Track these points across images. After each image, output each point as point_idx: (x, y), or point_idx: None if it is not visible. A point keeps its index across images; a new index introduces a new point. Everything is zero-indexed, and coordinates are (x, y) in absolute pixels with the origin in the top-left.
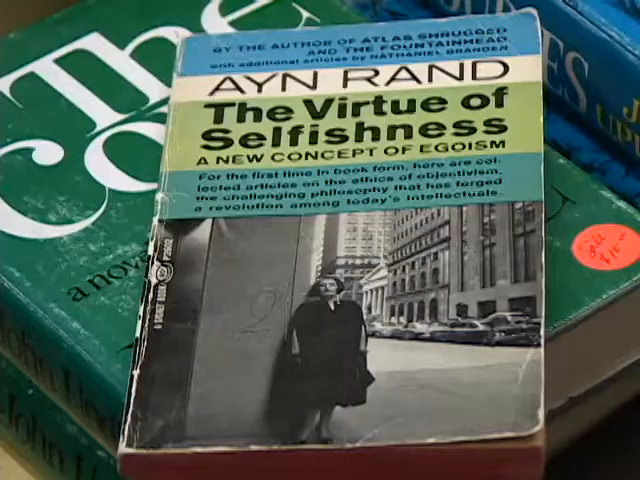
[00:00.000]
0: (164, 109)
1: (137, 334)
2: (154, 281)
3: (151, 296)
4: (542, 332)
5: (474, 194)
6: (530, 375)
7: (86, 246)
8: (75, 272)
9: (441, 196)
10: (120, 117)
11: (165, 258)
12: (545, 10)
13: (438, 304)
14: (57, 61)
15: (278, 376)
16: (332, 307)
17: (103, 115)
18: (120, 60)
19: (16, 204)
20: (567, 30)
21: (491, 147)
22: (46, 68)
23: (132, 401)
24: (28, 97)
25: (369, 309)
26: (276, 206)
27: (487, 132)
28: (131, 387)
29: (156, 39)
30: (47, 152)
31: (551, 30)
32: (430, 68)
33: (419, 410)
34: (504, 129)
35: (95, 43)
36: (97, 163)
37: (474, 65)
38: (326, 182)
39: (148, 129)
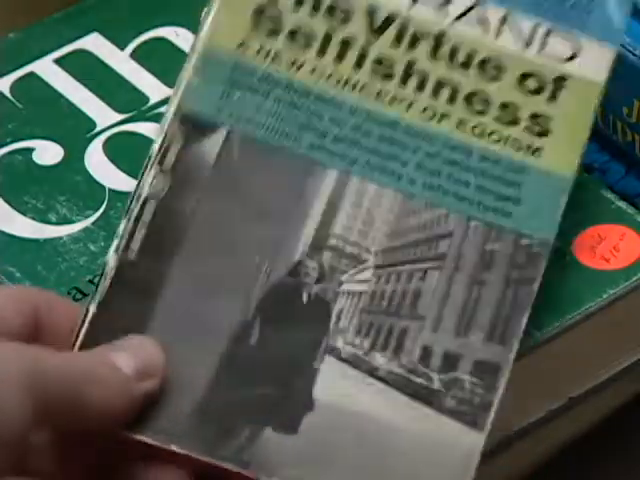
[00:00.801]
0: (164, 109)
1: (108, 257)
2: (146, 192)
3: (136, 212)
4: (492, 414)
5: (488, 207)
6: (461, 469)
7: (86, 246)
8: (75, 272)
9: (457, 196)
10: (120, 117)
11: (166, 166)
12: None
13: (405, 338)
14: (57, 61)
15: (227, 368)
16: (305, 299)
17: (103, 115)
18: (120, 60)
19: (16, 204)
20: None
21: (527, 151)
22: (46, 68)
23: (80, 339)
24: (28, 97)
25: (338, 317)
26: (295, 139)
27: (528, 130)
28: (83, 322)
29: (156, 39)
30: (47, 152)
31: None
32: (503, 18)
33: (343, 466)
34: (546, 133)
35: (95, 43)
36: (97, 163)
37: (547, 34)
38: (353, 127)
39: (148, 129)
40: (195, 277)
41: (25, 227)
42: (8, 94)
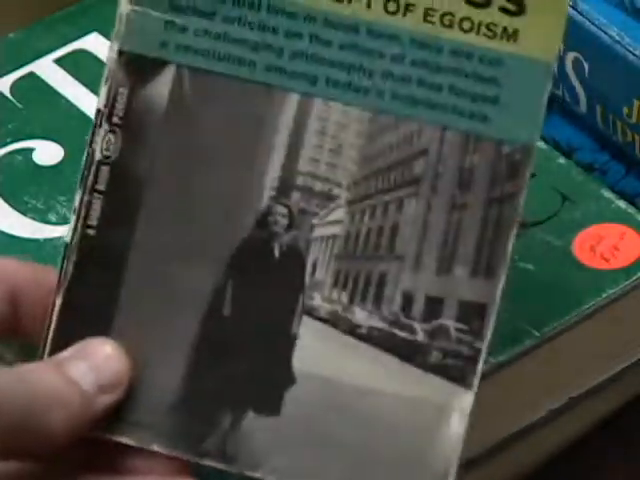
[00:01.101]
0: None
1: (67, 238)
2: (98, 156)
3: (91, 180)
4: (479, 367)
5: (464, 112)
6: (450, 432)
7: None
8: None
9: (429, 104)
10: None
11: (115, 119)
12: None
13: (385, 285)
14: (57, 61)
15: (202, 347)
16: (277, 253)
17: None
18: None
19: (16, 204)
20: (567, 30)
21: (501, 38)
22: (46, 68)
23: (50, 338)
24: (28, 97)
25: (314, 268)
26: (250, 63)
27: (503, 10)
28: (51, 319)
29: None
30: (47, 152)
31: None
32: None
33: (330, 447)
34: (522, 11)
35: (95, 43)
36: None
37: None
38: (311, 38)
39: None
40: (160, 246)
41: (25, 227)
42: (8, 94)
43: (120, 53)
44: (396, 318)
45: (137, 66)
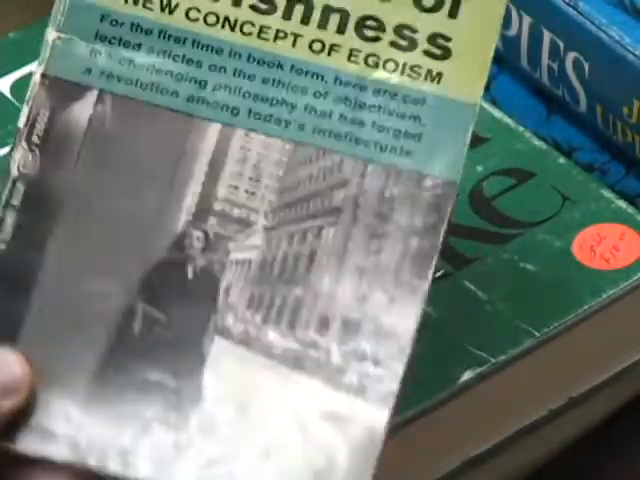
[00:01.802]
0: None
1: None
2: (14, 172)
3: (6, 195)
4: (395, 388)
5: (387, 147)
6: (366, 451)
7: None
8: None
9: (351, 138)
10: None
11: (35, 139)
12: (545, 10)
13: (301, 309)
14: None
15: (109, 365)
16: (190, 275)
17: None
18: None
19: None
20: (567, 30)
21: (425, 79)
22: None
23: None
24: None
25: (228, 290)
26: (172, 93)
27: (427, 53)
28: None
29: None
30: None
31: (551, 30)
32: None
33: (237, 468)
34: (446, 55)
35: None
36: None
37: None
38: (234, 72)
39: None
40: (72, 264)
41: None
42: (8, 94)
43: (44, 76)
44: (311, 340)
45: (60, 89)
